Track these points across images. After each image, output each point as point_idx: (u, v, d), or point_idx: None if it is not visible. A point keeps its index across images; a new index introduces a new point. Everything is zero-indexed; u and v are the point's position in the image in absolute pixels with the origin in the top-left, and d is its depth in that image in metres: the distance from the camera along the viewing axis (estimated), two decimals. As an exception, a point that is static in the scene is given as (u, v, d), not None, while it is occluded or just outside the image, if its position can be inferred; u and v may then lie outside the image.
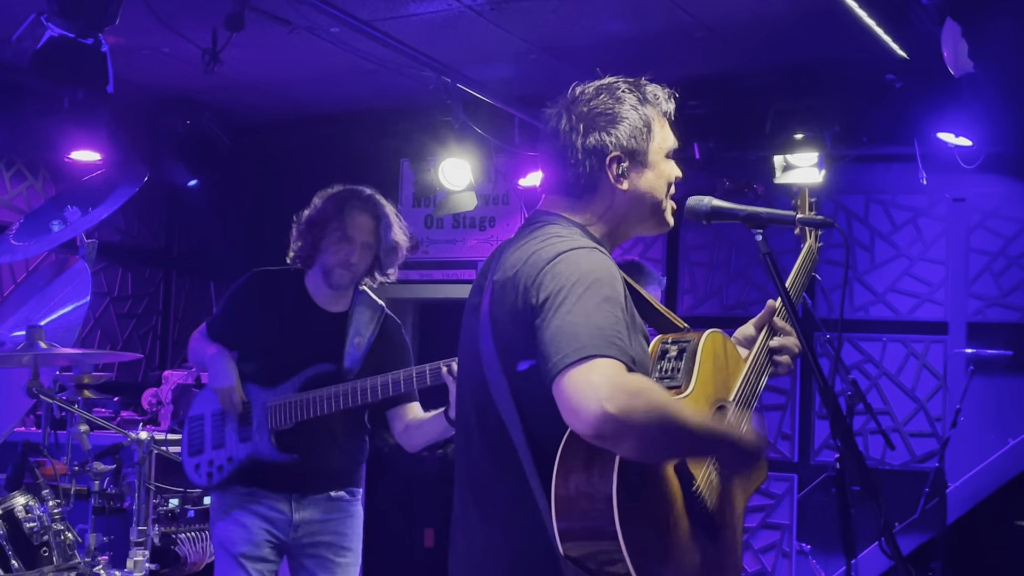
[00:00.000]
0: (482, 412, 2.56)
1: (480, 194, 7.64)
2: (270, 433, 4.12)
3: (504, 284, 2.51)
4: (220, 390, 4.15)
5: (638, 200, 2.64)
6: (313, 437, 4.17)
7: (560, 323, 2.32)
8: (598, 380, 2.23)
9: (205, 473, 4.22)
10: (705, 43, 6.26)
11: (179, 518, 6.01)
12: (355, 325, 4.28)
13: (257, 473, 4.16)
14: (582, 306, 2.33)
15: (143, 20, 5.40)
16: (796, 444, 7.56)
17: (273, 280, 4.30)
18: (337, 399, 4.07)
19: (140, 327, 8.27)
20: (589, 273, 2.39)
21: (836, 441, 2.53)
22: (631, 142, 2.60)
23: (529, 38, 6.28)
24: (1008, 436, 6.90)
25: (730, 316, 7.59)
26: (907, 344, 7.39)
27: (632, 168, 2.61)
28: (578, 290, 2.35)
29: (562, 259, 2.42)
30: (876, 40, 5.66)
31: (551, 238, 2.52)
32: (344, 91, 7.52)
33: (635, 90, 2.67)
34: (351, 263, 4.19)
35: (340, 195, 4.26)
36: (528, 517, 2.42)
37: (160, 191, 8.02)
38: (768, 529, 7.57)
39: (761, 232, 2.65)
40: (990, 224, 7.25)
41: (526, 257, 2.49)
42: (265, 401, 4.15)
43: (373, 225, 4.22)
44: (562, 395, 2.27)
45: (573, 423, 2.26)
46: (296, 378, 4.15)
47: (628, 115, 2.62)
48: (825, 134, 6.76)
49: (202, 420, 4.27)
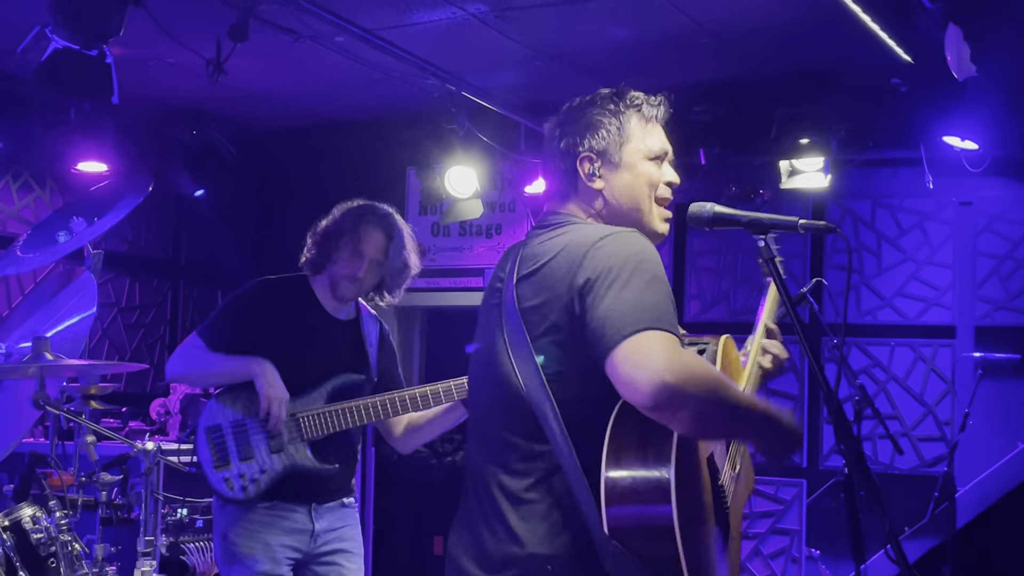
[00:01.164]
0: (507, 408, 2.55)
1: (486, 201, 7.65)
2: (306, 444, 4.11)
3: (534, 275, 2.54)
4: (275, 399, 4.04)
5: (616, 201, 2.68)
6: (339, 446, 4.19)
7: (612, 302, 2.36)
8: (656, 350, 2.28)
9: (240, 487, 4.08)
10: (710, 49, 6.26)
11: (187, 528, 6.01)
12: (366, 333, 4.32)
13: (287, 485, 4.12)
14: (634, 284, 2.38)
15: (148, 31, 5.41)
16: (805, 449, 7.55)
17: (281, 289, 4.27)
18: (373, 410, 4.10)
19: (148, 337, 8.28)
20: (637, 253, 2.44)
21: (841, 446, 2.52)
22: (601, 143, 2.67)
23: (533, 45, 6.28)
24: (1017, 440, 6.89)
25: (737, 321, 7.59)
26: (915, 348, 7.38)
27: (604, 168, 2.67)
28: (628, 268, 2.40)
29: (606, 241, 2.46)
30: (881, 44, 5.65)
31: (582, 227, 2.58)
32: (349, 100, 7.53)
33: (614, 95, 2.73)
34: (358, 277, 4.19)
35: (358, 210, 4.27)
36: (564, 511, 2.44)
37: (167, 201, 8.04)
38: (777, 534, 7.56)
39: (764, 238, 2.64)
40: (997, 227, 7.24)
41: (558, 248, 2.53)
42: (291, 411, 4.11)
43: (385, 242, 4.22)
44: (618, 367, 2.31)
45: (631, 393, 2.29)
46: (323, 387, 4.14)
47: (600, 117, 2.69)
48: (831, 139, 6.76)
49: (222, 431, 4.13)
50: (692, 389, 2.26)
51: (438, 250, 8.57)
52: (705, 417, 2.31)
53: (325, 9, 5.57)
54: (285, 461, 4.10)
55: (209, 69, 5.30)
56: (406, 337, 8.72)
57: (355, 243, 4.18)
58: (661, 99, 2.76)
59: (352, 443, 4.29)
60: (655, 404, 2.26)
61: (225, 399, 4.16)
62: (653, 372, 2.25)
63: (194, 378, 4.51)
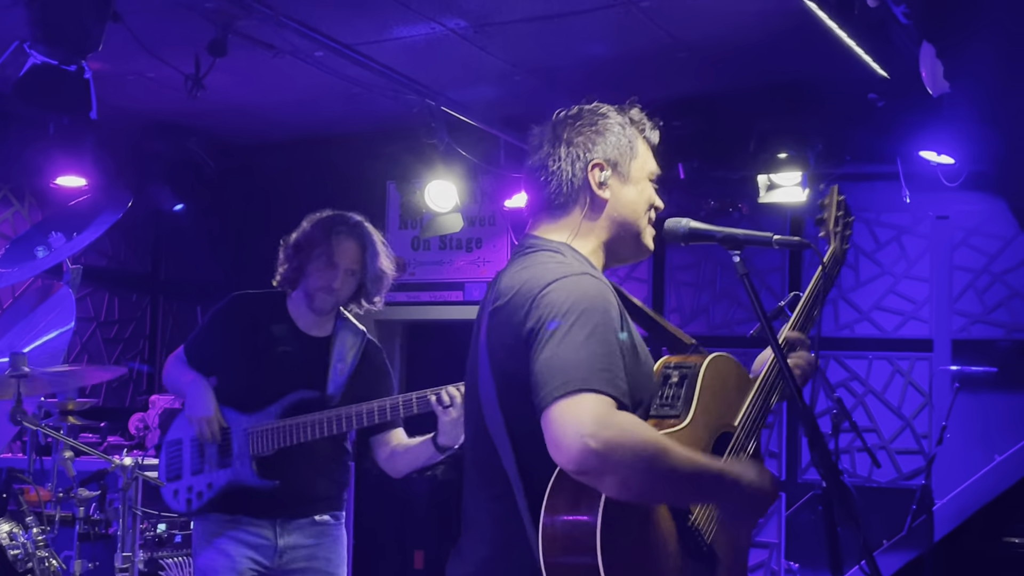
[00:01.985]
0: (478, 440, 2.56)
1: (466, 216, 7.67)
2: (251, 459, 4.10)
3: (499, 312, 2.51)
4: (197, 419, 4.11)
5: (620, 213, 2.64)
6: (295, 463, 4.14)
7: (550, 355, 2.32)
8: (582, 415, 2.23)
9: (184, 499, 4.16)
10: (688, 64, 6.29)
11: (166, 543, 5.99)
12: (338, 350, 4.26)
13: (239, 499, 4.12)
14: (572, 337, 2.32)
15: (127, 45, 5.41)
16: (784, 462, 7.58)
17: (254, 304, 4.28)
18: (320, 426, 4.05)
19: (127, 351, 8.26)
20: (580, 302, 2.38)
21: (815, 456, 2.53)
22: (614, 152, 2.63)
23: (513, 60, 6.30)
24: (994, 453, 6.92)
25: (717, 335, 7.61)
26: (892, 361, 7.42)
27: (614, 177, 2.63)
28: (569, 320, 2.34)
29: (553, 288, 2.41)
30: (857, 60, 5.68)
31: (542, 265, 2.52)
32: (329, 114, 7.53)
33: (620, 111, 2.70)
34: (334, 288, 4.18)
35: (328, 220, 4.25)
36: (518, 549, 2.42)
37: (146, 215, 8.03)
38: (756, 548, 7.57)
39: (739, 253, 2.65)
40: (973, 241, 7.28)
41: (519, 285, 2.49)
42: (245, 427, 4.12)
43: (359, 252, 4.21)
44: (548, 428, 2.27)
45: (556, 457, 2.26)
46: (277, 404, 4.12)
47: (612, 128, 2.65)
48: (808, 153, 6.79)
49: (180, 445, 4.22)
50: (619, 455, 2.21)
51: (418, 264, 8.58)
52: (633, 484, 2.26)
53: (304, 24, 5.58)
54: (229, 475, 4.11)
55: (188, 84, 5.30)
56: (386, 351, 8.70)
57: (328, 255, 4.16)
58: (656, 122, 2.75)
59: (320, 462, 4.24)
60: (578, 469, 2.23)
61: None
62: (578, 437, 2.21)
63: (170, 390, 4.54)
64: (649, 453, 2.26)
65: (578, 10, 5.50)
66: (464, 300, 8.38)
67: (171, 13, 5.32)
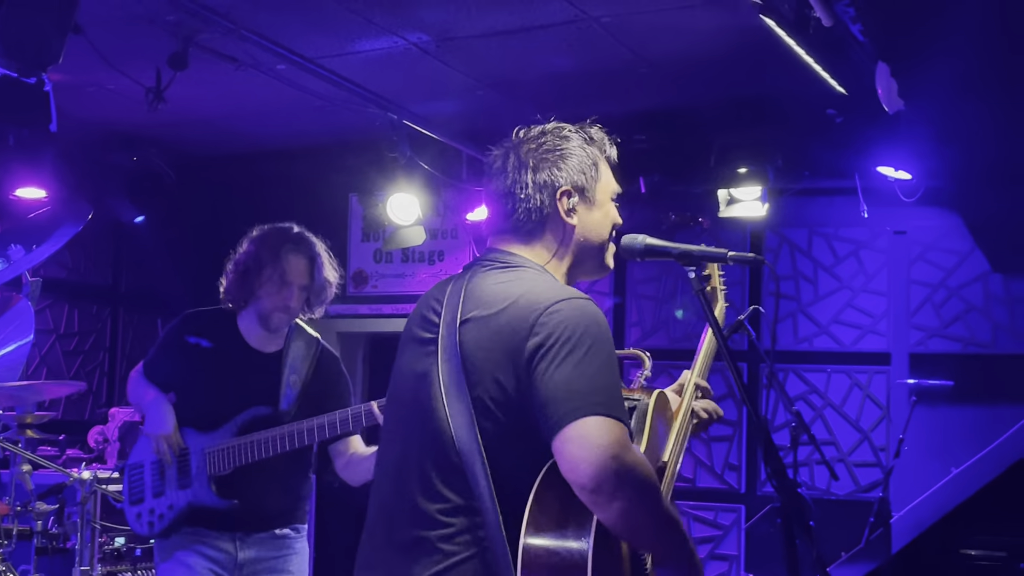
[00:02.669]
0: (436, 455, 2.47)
1: (428, 228, 7.68)
2: (209, 479, 4.09)
3: (485, 322, 2.46)
4: (155, 436, 4.09)
5: (586, 238, 2.66)
6: (254, 480, 4.12)
7: (567, 376, 2.33)
8: (607, 435, 2.28)
9: (146, 522, 4.15)
10: (649, 79, 6.34)
11: (126, 557, 5.95)
12: (290, 363, 4.24)
13: (200, 516, 4.12)
14: (591, 361, 2.35)
15: (88, 57, 5.40)
16: (743, 475, 7.62)
17: (205, 321, 4.25)
18: (275, 443, 4.04)
19: (87, 364, 8.21)
20: (592, 327, 2.40)
21: (769, 469, 2.56)
22: (580, 178, 2.63)
23: (475, 74, 6.33)
24: (951, 465, 6.98)
25: (678, 348, 7.65)
26: (851, 375, 7.48)
27: (581, 203, 2.64)
28: (585, 342, 2.37)
29: (562, 307, 2.41)
30: (816, 76, 5.74)
31: (534, 281, 2.52)
32: (292, 127, 7.53)
33: (581, 131, 2.70)
34: (290, 307, 4.17)
35: (273, 239, 4.20)
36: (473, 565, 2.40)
37: (107, 227, 7.99)
38: (716, 560, 7.61)
39: (694, 269, 2.68)
40: (930, 256, 7.36)
41: (514, 297, 2.46)
42: (203, 447, 4.11)
43: (308, 266, 4.20)
44: (565, 445, 2.29)
45: (572, 472, 2.28)
46: (232, 422, 4.10)
47: (576, 152, 2.64)
48: (768, 168, 6.85)
49: (142, 468, 4.20)
50: (633, 482, 2.27)
51: (380, 276, 8.58)
52: (635, 514, 2.31)
53: (266, 38, 5.59)
54: (189, 497, 4.10)
55: (149, 97, 5.29)
56: (348, 363, 8.65)
57: (280, 274, 4.13)
58: (614, 139, 2.76)
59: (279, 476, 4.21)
60: (595, 487, 2.26)
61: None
62: (601, 455, 2.25)
63: (134, 407, 4.52)
64: (655, 489, 2.34)
65: (539, 25, 5.54)
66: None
67: (132, 26, 5.32)
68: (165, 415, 4.10)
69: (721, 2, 5.23)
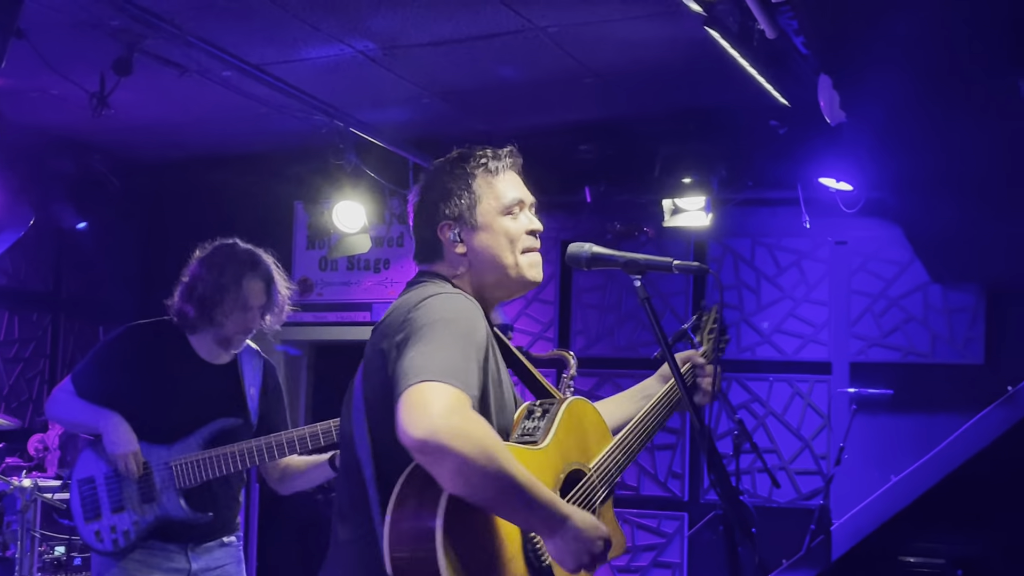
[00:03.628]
0: (346, 452, 2.68)
1: (374, 236, 7.68)
2: (178, 492, 4.06)
3: (376, 330, 2.65)
4: (120, 454, 4.00)
5: (480, 261, 2.76)
6: (217, 491, 4.13)
7: (413, 353, 2.42)
8: (434, 399, 2.33)
9: (110, 540, 4.03)
10: (594, 89, 6.38)
11: (65, 566, 5.89)
12: (246, 375, 4.25)
13: (166, 530, 4.07)
14: (435, 341, 2.45)
15: (31, 62, 5.35)
16: (687, 483, 7.66)
17: (152, 335, 4.19)
18: (251, 456, 4.05)
19: (27, 371, 8.12)
20: (447, 312, 2.53)
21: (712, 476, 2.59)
22: (455, 209, 2.76)
23: (421, 83, 6.34)
24: (890, 473, 7.05)
25: (621, 357, 7.69)
26: (792, 384, 7.55)
27: (464, 232, 2.76)
28: (434, 326, 2.48)
29: (426, 302, 2.55)
30: (760, 88, 5.81)
31: (422, 287, 2.69)
32: (237, 134, 7.50)
33: (459, 159, 2.82)
34: (252, 329, 4.20)
35: (230, 267, 4.15)
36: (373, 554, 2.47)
37: (48, 233, 7.90)
38: (659, 568, 7.65)
39: (640, 278, 2.71)
40: (871, 267, 7.45)
41: (398, 305, 2.63)
42: (166, 459, 4.06)
43: (265, 288, 4.21)
44: (399, 411, 2.34)
45: (403, 436, 2.32)
46: (198, 434, 4.08)
47: (450, 184, 2.78)
48: (712, 178, 6.92)
49: (94, 483, 4.09)
50: (460, 442, 2.28)
51: (325, 284, 8.56)
52: (467, 475, 2.31)
53: (212, 44, 5.57)
54: (157, 511, 4.05)
55: (93, 102, 5.26)
56: (293, 372, 8.68)
57: (242, 301, 4.12)
58: (509, 149, 2.85)
59: (231, 486, 4.23)
60: (420, 448, 2.30)
61: (99, 448, 4.10)
62: (426, 418, 2.29)
63: (62, 423, 4.43)
64: (489, 449, 2.33)
65: (486, 35, 5.56)
66: (372, 321, 8.36)
67: (76, 31, 5.28)
68: (126, 432, 4.02)
69: (667, 14, 5.28)
